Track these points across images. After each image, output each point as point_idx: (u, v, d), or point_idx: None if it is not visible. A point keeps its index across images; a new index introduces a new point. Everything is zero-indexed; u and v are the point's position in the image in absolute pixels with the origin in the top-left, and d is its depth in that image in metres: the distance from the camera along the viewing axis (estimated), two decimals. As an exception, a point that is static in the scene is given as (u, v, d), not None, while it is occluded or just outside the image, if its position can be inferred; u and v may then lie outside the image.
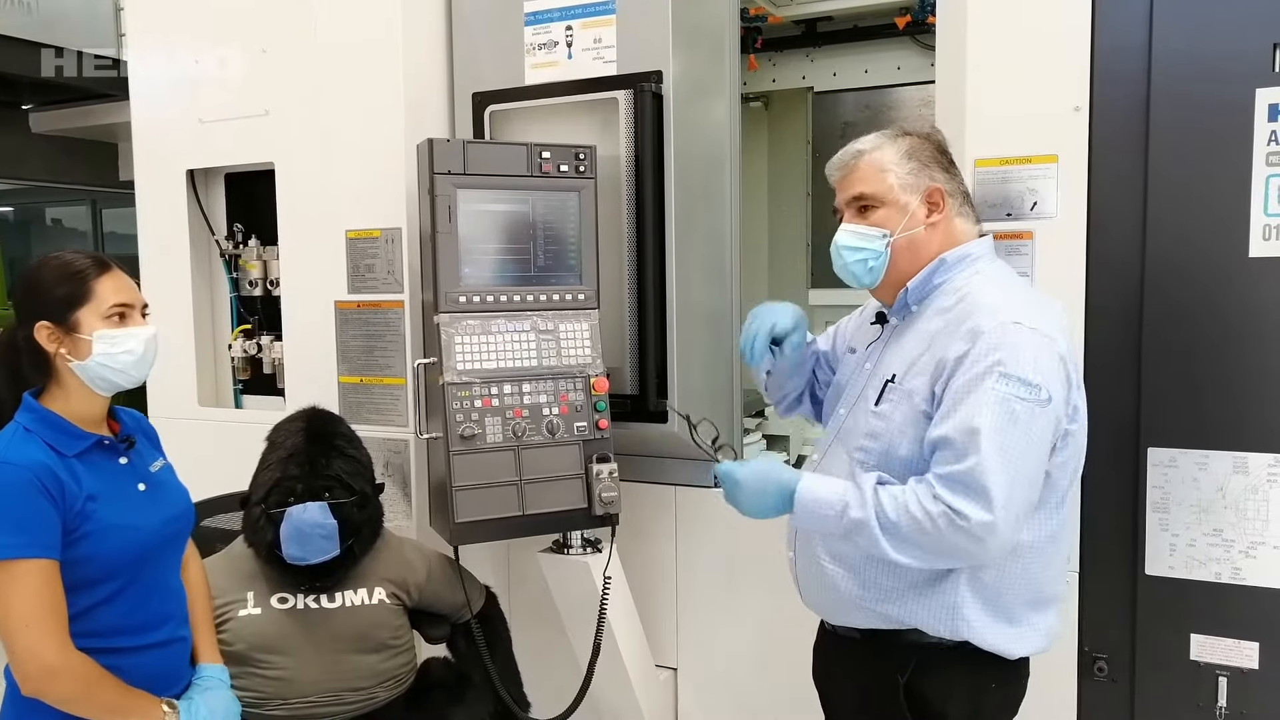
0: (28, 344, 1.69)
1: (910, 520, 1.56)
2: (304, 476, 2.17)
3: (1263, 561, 2.03)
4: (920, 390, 1.67)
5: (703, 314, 2.64)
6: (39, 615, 1.58)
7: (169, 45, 3.04)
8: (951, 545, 1.55)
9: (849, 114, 3.66)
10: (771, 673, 2.66)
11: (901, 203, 1.74)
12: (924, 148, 1.78)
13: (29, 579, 1.58)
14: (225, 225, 3.12)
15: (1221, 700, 2.08)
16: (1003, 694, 1.76)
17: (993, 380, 1.55)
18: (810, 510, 1.67)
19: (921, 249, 1.75)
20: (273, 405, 2.98)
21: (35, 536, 1.58)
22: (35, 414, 1.68)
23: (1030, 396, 1.55)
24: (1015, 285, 1.76)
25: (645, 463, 2.74)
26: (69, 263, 1.71)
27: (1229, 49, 1.99)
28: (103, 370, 1.69)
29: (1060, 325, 1.67)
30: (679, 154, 2.49)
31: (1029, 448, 1.56)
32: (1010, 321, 1.59)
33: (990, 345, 1.58)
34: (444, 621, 2.42)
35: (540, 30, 2.64)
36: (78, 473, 1.66)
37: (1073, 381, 1.64)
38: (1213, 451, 2.06)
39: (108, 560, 1.67)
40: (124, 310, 1.72)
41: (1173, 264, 2.06)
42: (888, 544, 1.59)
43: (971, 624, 1.67)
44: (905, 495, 1.59)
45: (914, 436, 1.67)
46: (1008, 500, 1.53)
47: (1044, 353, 1.58)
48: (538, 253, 2.40)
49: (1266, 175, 1.97)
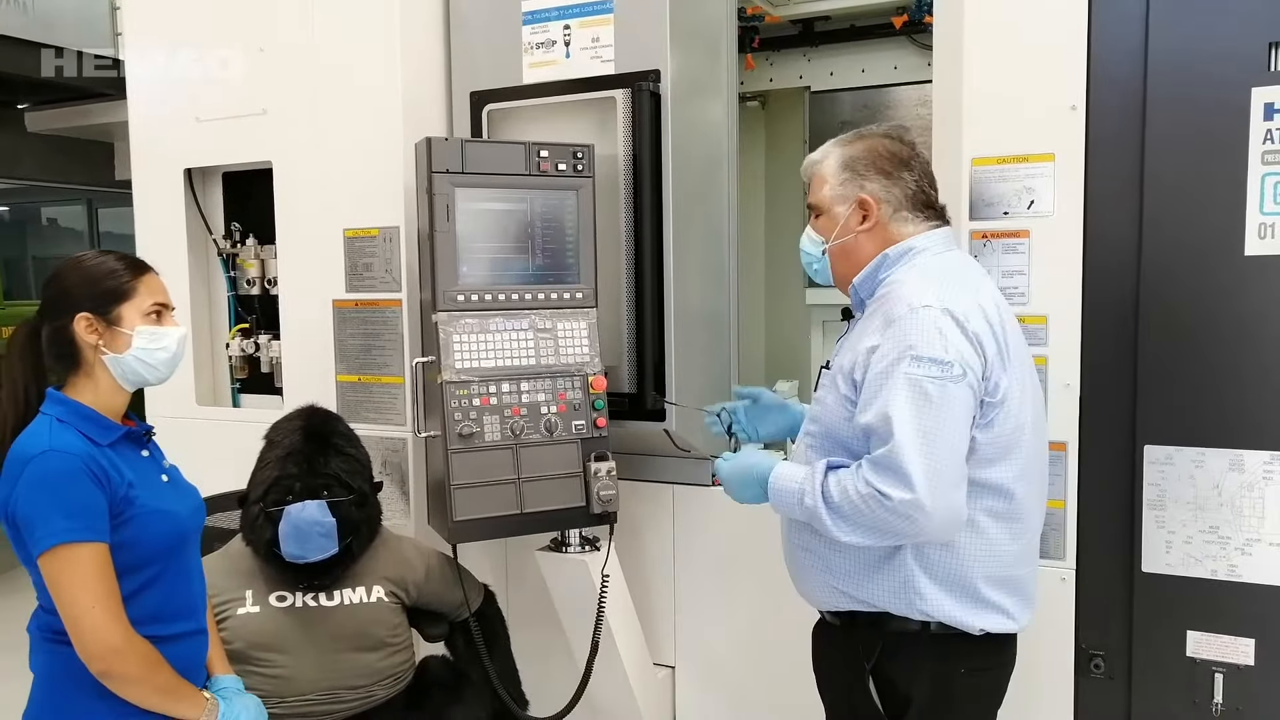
0: (58, 335, 1.72)
1: (849, 502, 1.64)
2: (302, 475, 2.18)
3: (1258, 558, 2.04)
4: (841, 378, 1.75)
5: (700, 312, 2.64)
6: (102, 597, 1.62)
7: (166, 44, 3.04)
8: (885, 524, 1.62)
9: (846, 114, 3.65)
10: (769, 671, 2.66)
11: (835, 212, 1.84)
12: (867, 156, 1.82)
13: (88, 562, 1.61)
14: (223, 224, 3.12)
15: (1218, 697, 2.09)
16: (975, 679, 1.78)
17: (905, 365, 1.62)
18: (779, 498, 1.77)
19: (855, 254, 1.83)
20: (271, 404, 2.98)
21: (89, 521, 1.62)
22: (65, 406, 1.71)
23: (943, 374, 1.61)
24: (941, 272, 1.76)
25: (643, 461, 2.74)
26: (108, 260, 1.76)
27: (1225, 49, 1.99)
28: (137, 365, 1.73)
29: (981, 304, 1.69)
30: (677, 153, 2.50)
31: (947, 424, 1.61)
32: (920, 305, 1.66)
33: (901, 332, 1.65)
34: (442, 620, 2.43)
35: (538, 29, 2.65)
36: (114, 460, 1.69)
37: (990, 358, 1.67)
38: (1209, 449, 2.06)
39: (149, 545, 1.71)
40: (160, 310, 1.77)
41: (1169, 262, 2.07)
42: (833, 525, 1.67)
43: (926, 598, 1.71)
44: (845, 479, 1.66)
45: (844, 418, 1.74)
46: (929, 476, 1.58)
47: (952, 331, 1.64)
48: (536, 251, 2.40)
49: (1262, 174, 1.98)
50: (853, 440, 1.73)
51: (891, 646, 1.76)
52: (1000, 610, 1.74)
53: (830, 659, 1.90)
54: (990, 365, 1.67)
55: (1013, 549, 1.75)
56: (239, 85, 2.90)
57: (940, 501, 1.60)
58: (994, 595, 1.73)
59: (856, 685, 1.77)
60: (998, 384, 1.68)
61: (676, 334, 2.52)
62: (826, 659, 1.92)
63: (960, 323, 1.65)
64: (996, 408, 1.68)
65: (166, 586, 1.74)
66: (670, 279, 2.51)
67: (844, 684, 1.82)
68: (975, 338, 1.65)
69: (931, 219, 1.83)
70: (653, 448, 2.69)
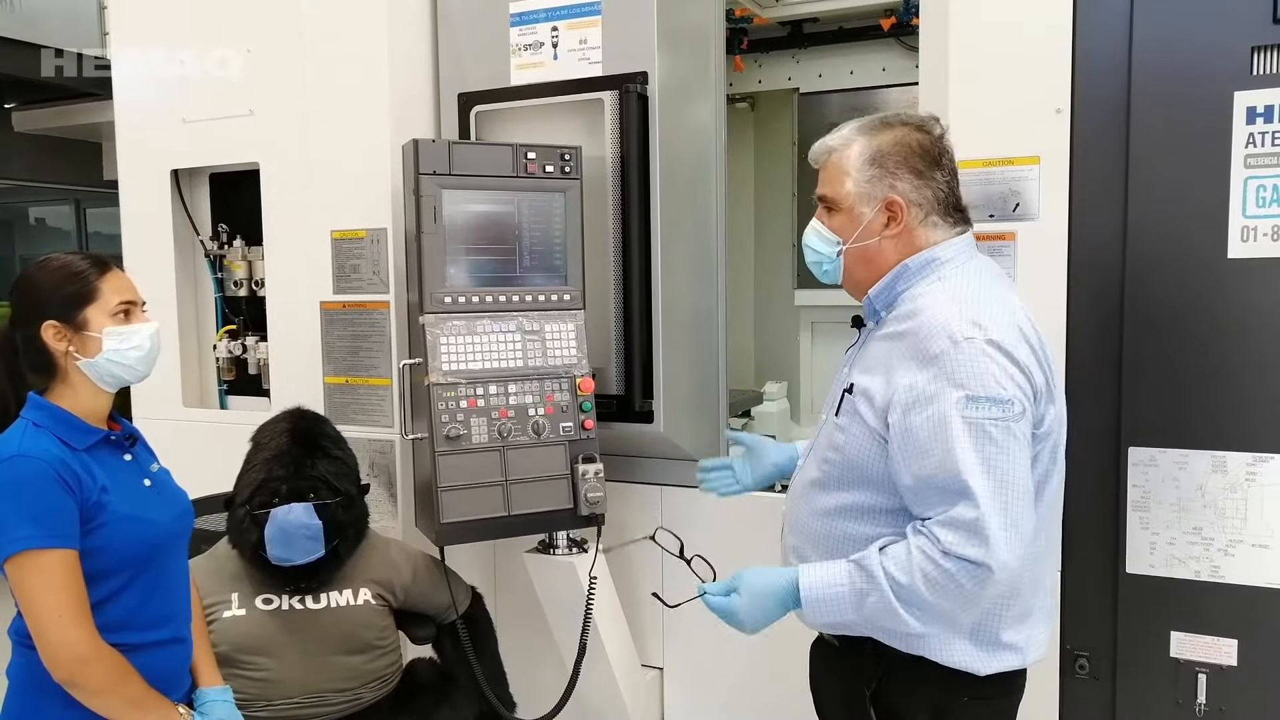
0: (30, 344, 1.71)
1: (928, 580, 1.47)
2: (289, 477, 2.17)
3: (1241, 559, 2.06)
4: (869, 412, 1.60)
5: (689, 314, 2.64)
6: (69, 605, 1.60)
7: (153, 44, 3.03)
8: (968, 593, 1.46)
9: (835, 115, 3.66)
10: (757, 672, 2.67)
11: (856, 212, 1.65)
12: (898, 151, 1.64)
13: (54, 570, 1.59)
14: (210, 225, 3.11)
15: (1201, 697, 2.10)
16: (980, 708, 1.66)
17: (961, 408, 1.47)
18: (824, 609, 1.57)
19: (877, 260, 1.66)
20: (258, 406, 2.97)
21: (56, 527, 1.60)
22: (43, 410, 1.70)
23: (1004, 414, 1.47)
24: (974, 291, 1.59)
25: (631, 463, 2.74)
26: (70, 263, 1.74)
27: (1208, 53, 2.00)
28: (112, 367, 1.72)
29: (1020, 326, 1.56)
30: (665, 155, 2.50)
31: (1017, 467, 1.48)
32: (963, 338, 1.50)
33: (948, 370, 1.50)
34: (430, 622, 2.42)
35: (526, 31, 2.65)
36: (89, 465, 1.68)
37: (1039, 388, 1.54)
38: (1192, 451, 2.08)
39: (120, 551, 1.69)
40: (128, 308, 1.75)
41: (1153, 265, 2.08)
42: (909, 616, 1.49)
43: (928, 641, 1.59)
44: (912, 555, 1.49)
45: (873, 453, 1.60)
46: (1007, 530, 1.45)
47: (1005, 365, 1.50)
48: (523, 253, 2.40)
49: (1245, 177, 1.99)
50: (879, 476, 1.59)
51: (890, 673, 1.65)
52: (1014, 649, 1.62)
53: (828, 683, 1.81)
54: (1040, 397, 1.54)
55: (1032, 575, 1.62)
56: (226, 86, 2.89)
57: (1017, 554, 1.45)
58: (1007, 633, 1.61)
59: (858, 712, 1.68)
60: (1044, 416, 1.55)
61: (664, 336, 2.52)
62: (825, 683, 1.83)
63: (1010, 353, 1.50)
64: (1041, 441, 1.56)
65: (139, 594, 1.72)
66: (658, 281, 2.51)
67: (843, 710, 1.74)
68: (1026, 369, 1.51)
69: (959, 222, 1.68)
70: (640, 449, 2.69)
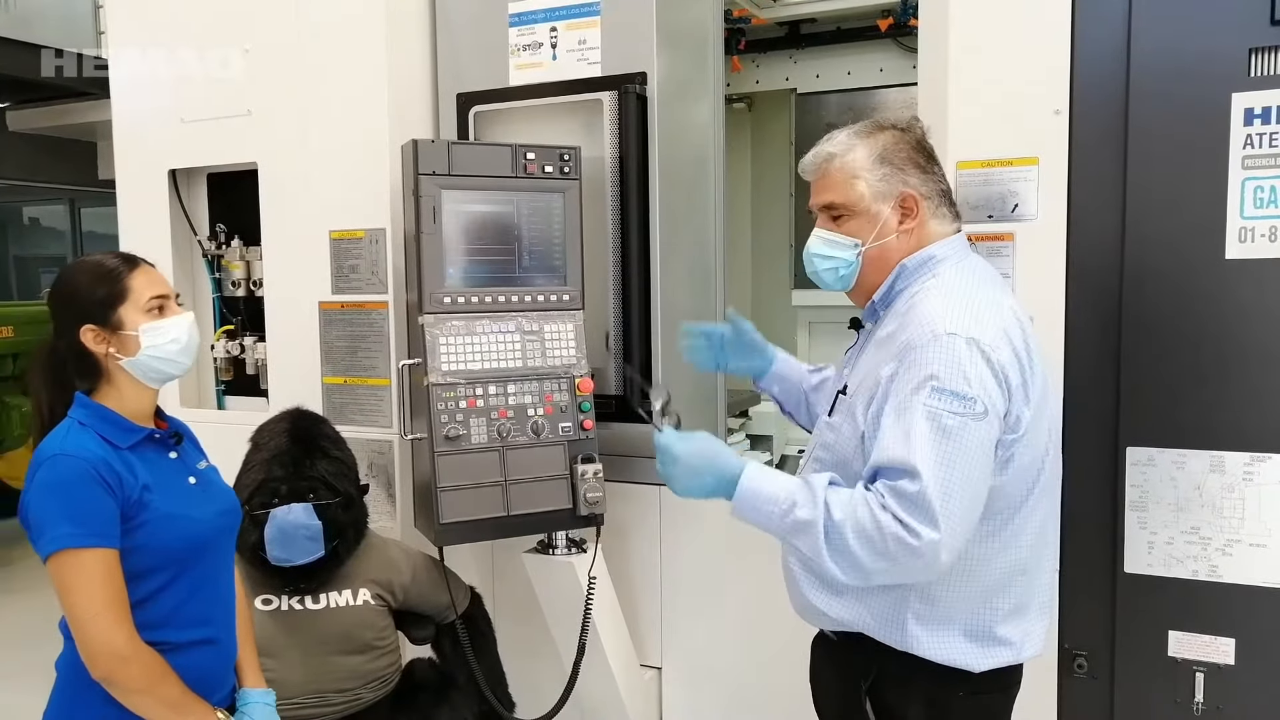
0: (72, 350, 1.72)
1: (860, 528, 1.49)
2: (288, 478, 2.17)
3: (1239, 559, 2.06)
4: (860, 409, 1.63)
5: (687, 314, 2.63)
6: (108, 604, 1.61)
7: (150, 43, 3.02)
8: (897, 559, 1.48)
9: (832, 116, 3.67)
10: (755, 672, 2.67)
11: (873, 212, 1.67)
12: (899, 147, 1.68)
13: (94, 568, 1.60)
14: (208, 225, 3.10)
15: (1199, 696, 2.11)
16: (976, 703, 1.67)
17: (925, 395, 1.50)
18: (751, 502, 1.58)
19: (894, 256, 1.68)
20: (256, 406, 2.97)
21: (95, 526, 1.61)
22: (89, 409, 1.71)
23: (964, 410, 1.49)
24: (964, 290, 1.62)
25: (630, 463, 2.74)
26: (99, 263, 1.74)
27: (1206, 54, 2.01)
28: (153, 362, 1.73)
29: (1005, 329, 1.58)
30: (663, 155, 2.50)
31: (963, 462, 1.49)
32: (944, 333, 1.53)
33: (923, 360, 1.52)
34: (429, 622, 2.42)
35: (525, 31, 2.65)
36: (132, 464, 1.68)
37: (1014, 390, 1.55)
38: (1190, 451, 2.08)
39: (162, 550, 1.69)
40: (162, 302, 1.75)
41: (1151, 266, 2.08)
42: (826, 547, 1.51)
43: (919, 639, 1.61)
44: (857, 501, 1.51)
45: (861, 451, 1.61)
46: (948, 518, 1.46)
47: (979, 364, 1.51)
48: (522, 254, 2.40)
49: (1242, 178, 2.00)
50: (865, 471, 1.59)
51: (886, 669, 1.66)
52: (1009, 645, 1.64)
53: (827, 677, 1.83)
54: (1013, 398, 1.55)
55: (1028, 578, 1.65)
56: (224, 86, 2.89)
57: (956, 545, 1.48)
58: (1002, 630, 1.63)
59: (855, 708, 1.69)
60: (1019, 418, 1.56)
61: (663, 336, 2.52)
62: (824, 676, 1.85)
63: (987, 354, 1.52)
64: (1017, 443, 1.57)
65: (180, 593, 1.72)
66: (657, 281, 2.51)
67: (840, 704, 1.75)
68: (1001, 370, 1.53)
69: (956, 216, 1.72)
70: (639, 449, 2.69)
